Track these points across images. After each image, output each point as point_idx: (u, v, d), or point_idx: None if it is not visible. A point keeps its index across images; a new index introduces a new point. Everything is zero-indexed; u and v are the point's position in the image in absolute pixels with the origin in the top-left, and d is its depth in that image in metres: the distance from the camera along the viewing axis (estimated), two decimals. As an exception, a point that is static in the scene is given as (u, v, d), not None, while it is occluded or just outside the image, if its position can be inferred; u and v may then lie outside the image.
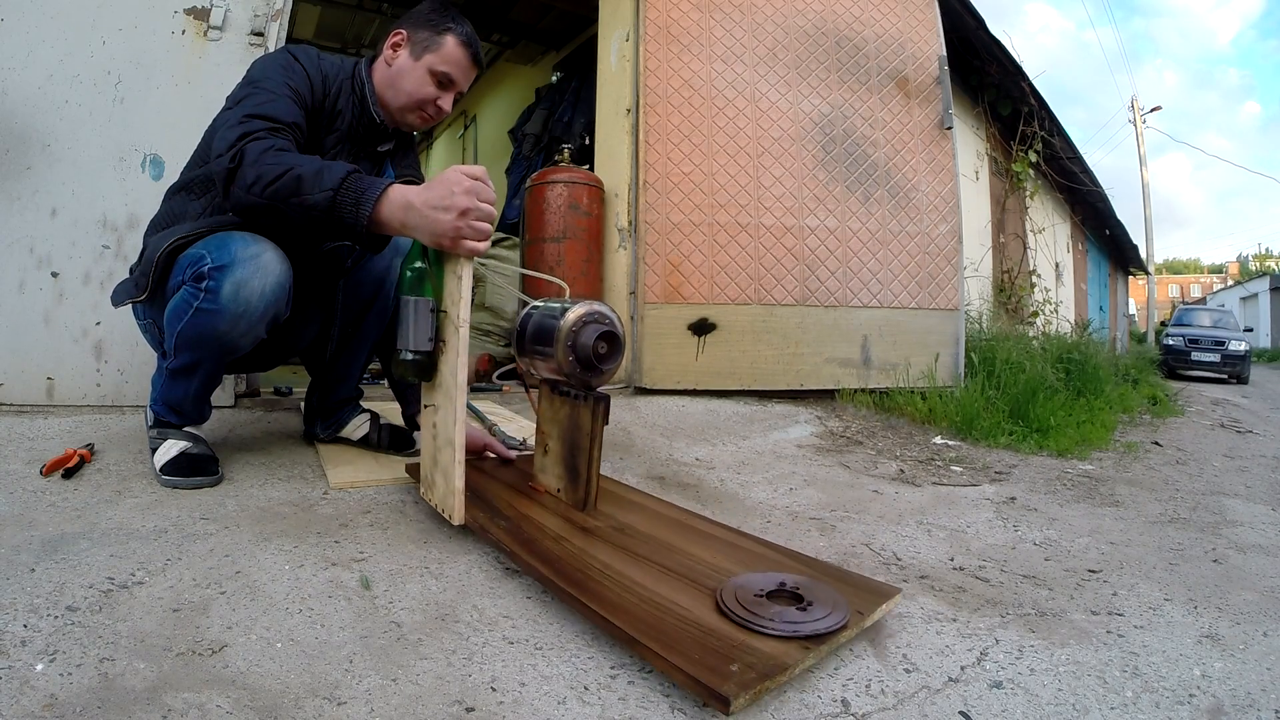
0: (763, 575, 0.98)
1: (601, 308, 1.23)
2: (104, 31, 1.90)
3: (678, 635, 0.81)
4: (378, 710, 0.72)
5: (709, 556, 1.06)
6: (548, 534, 1.11)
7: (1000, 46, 4.76)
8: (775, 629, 0.83)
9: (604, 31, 3.19)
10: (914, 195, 3.05)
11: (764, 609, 0.87)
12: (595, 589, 0.93)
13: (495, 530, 1.11)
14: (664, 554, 1.06)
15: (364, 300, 1.58)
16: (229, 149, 1.16)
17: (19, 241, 1.83)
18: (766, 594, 0.92)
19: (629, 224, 2.86)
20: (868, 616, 0.90)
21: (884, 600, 0.95)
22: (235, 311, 1.23)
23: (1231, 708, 0.81)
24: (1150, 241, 15.21)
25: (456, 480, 1.13)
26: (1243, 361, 10.29)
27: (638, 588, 0.94)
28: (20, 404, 1.82)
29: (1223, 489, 2.06)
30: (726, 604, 0.88)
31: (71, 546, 1.04)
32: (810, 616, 0.86)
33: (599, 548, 1.07)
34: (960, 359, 3.05)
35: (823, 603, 0.89)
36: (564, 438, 1.27)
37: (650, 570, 1.00)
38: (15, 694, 0.70)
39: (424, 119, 1.47)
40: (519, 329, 1.31)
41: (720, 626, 0.84)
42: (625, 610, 0.87)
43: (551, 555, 1.03)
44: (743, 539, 1.17)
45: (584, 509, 1.22)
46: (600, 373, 1.20)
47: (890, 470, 2.00)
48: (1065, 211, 8.15)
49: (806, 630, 0.83)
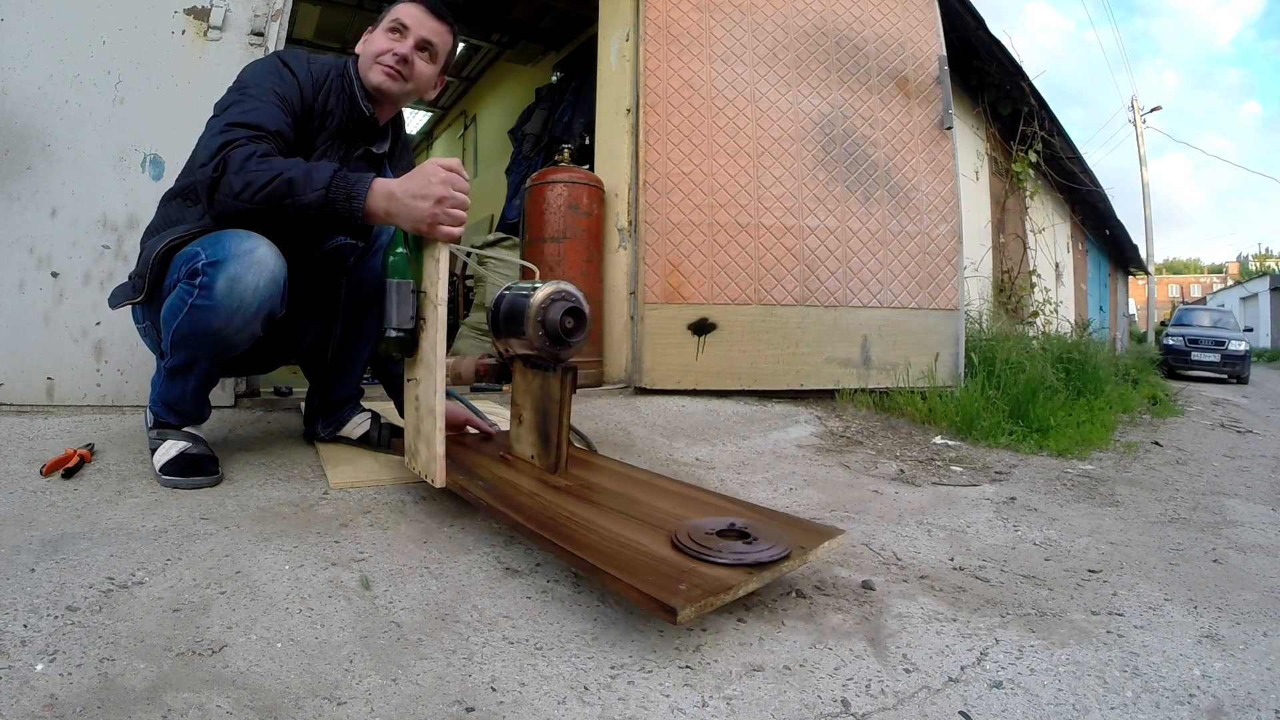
0: (715, 519, 1.08)
1: (568, 287, 1.31)
2: (104, 31, 1.90)
3: (635, 564, 0.92)
4: (378, 710, 0.72)
5: (669, 507, 1.17)
6: (522, 491, 1.22)
7: (1000, 46, 4.77)
8: (722, 558, 0.93)
9: (604, 31, 3.19)
10: (914, 195, 3.05)
11: (714, 543, 0.98)
12: (563, 531, 1.04)
13: (474, 489, 1.21)
14: (627, 505, 1.17)
15: (366, 298, 1.57)
16: (211, 158, 1.18)
17: (19, 241, 1.83)
18: (717, 532, 1.02)
19: (629, 224, 2.86)
20: (810, 551, 0.99)
21: (826, 538, 1.04)
22: (230, 307, 1.23)
23: (1231, 708, 0.81)
24: (1150, 241, 15.21)
25: (438, 447, 1.20)
26: (1243, 361, 10.29)
27: (601, 529, 1.05)
28: (20, 404, 1.82)
29: (1223, 489, 2.06)
30: (680, 540, 0.99)
31: (71, 546, 1.04)
32: (755, 549, 0.96)
33: (568, 501, 1.18)
34: (960, 359, 3.05)
35: (768, 539, 0.99)
36: (536, 408, 1.36)
37: (614, 517, 1.11)
38: (15, 694, 0.70)
39: (389, 73, 1.44)
40: (493, 310, 1.39)
41: (673, 557, 0.95)
42: (589, 546, 0.97)
43: (524, 507, 1.14)
44: (701, 494, 1.28)
45: (555, 471, 1.32)
46: (568, 345, 1.30)
47: (890, 470, 2.00)
48: (1065, 211, 8.15)
49: (750, 559, 0.93)
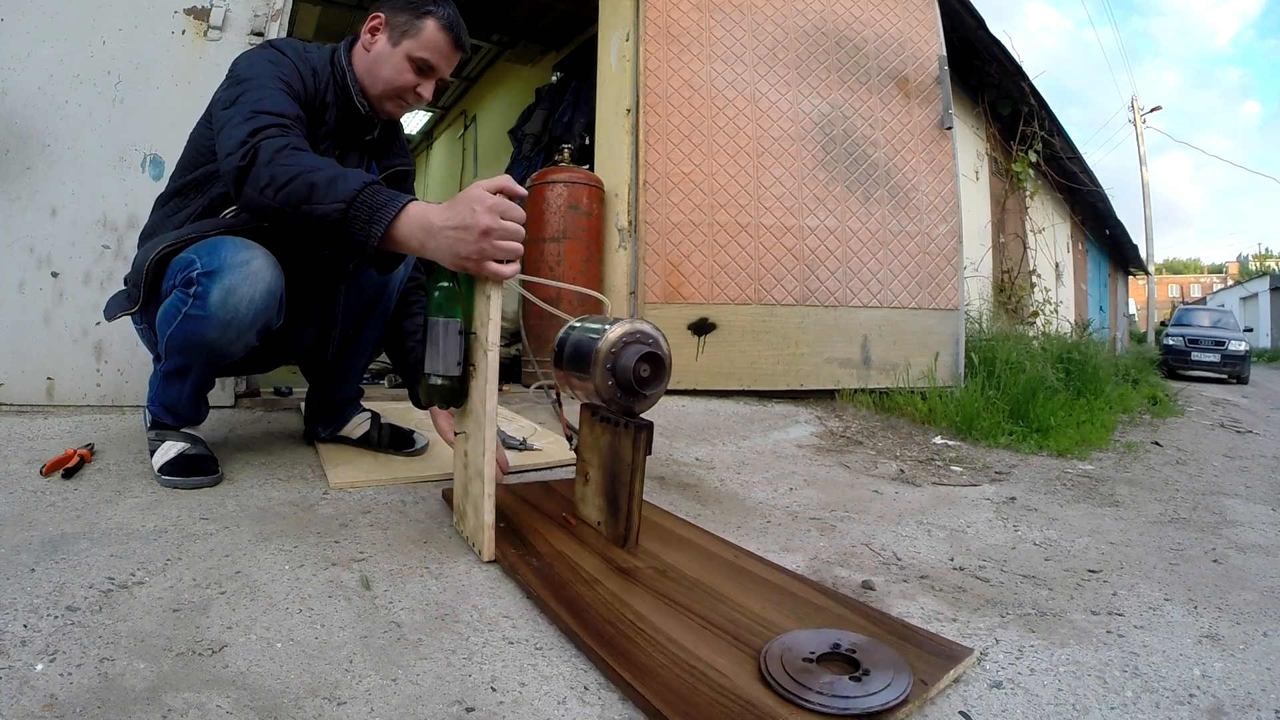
0: (814, 633, 0.86)
1: (645, 326, 1.14)
2: (104, 31, 1.90)
3: (711, 710, 0.72)
4: (378, 710, 0.72)
5: (757, 607, 0.96)
6: (581, 576, 1.03)
7: (1000, 46, 4.77)
8: (823, 704, 0.72)
9: (604, 31, 3.19)
10: (914, 195, 3.05)
11: (813, 678, 0.76)
12: (625, 648, 0.84)
13: (525, 570, 1.04)
14: (707, 604, 0.96)
15: (366, 304, 1.57)
16: (240, 146, 1.10)
17: (19, 241, 1.83)
18: (817, 658, 0.81)
19: (629, 224, 2.86)
20: (932, 686, 0.78)
21: (953, 664, 0.83)
22: (224, 319, 1.21)
23: (1231, 708, 0.81)
24: (1150, 241, 15.21)
25: (486, 515, 1.08)
26: (1243, 361, 10.29)
27: (672, 646, 0.84)
28: (20, 404, 1.82)
29: (1223, 489, 2.06)
30: (771, 671, 0.78)
31: (71, 546, 1.04)
32: (865, 690, 0.74)
33: (635, 594, 0.98)
34: (960, 359, 3.05)
35: (881, 669, 0.78)
36: (604, 466, 1.18)
37: (689, 625, 0.90)
38: (15, 694, 0.70)
39: (401, 107, 1.41)
40: (557, 348, 1.23)
41: (761, 699, 0.74)
42: (654, 675, 0.78)
43: (581, 602, 0.95)
44: (796, 584, 1.06)
45: (624, 545, 1.13)
46: (643, 398, 1.12)
47: (890, 470, 2.00)
48: (1065, 211, 8.15)
49: (860, 708, 0.72)
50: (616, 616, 0.91)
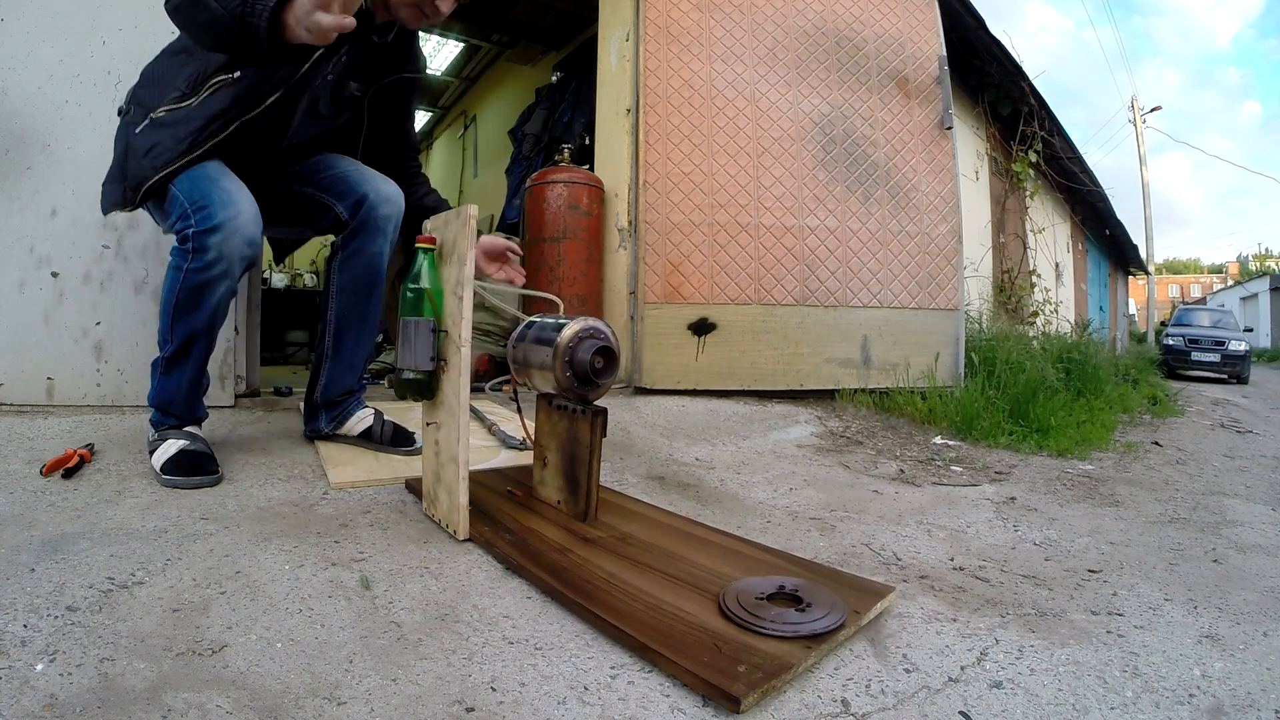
0: (762, 579, 1.02)
1: (596, 323, 1.26)
2: (104, 31, 1.90)
3: (687, 640, 0.85)
4: (378, 710, 0.72)
5: (709, 563, 1.10)
6: (551, 546, 1.14)
7: (1000, 46, 4.77)
8: (777, 630, 0.87)
9: (604, 32, 3.19)
10: (914, 195, 3.05)
11: (765, 611, 0.91)
12: (603, 598, 0.96)
13: (501, 544, 1.14)
14: (667, 561, 1.10)
15: (363, 287, 1.58)
16: None
17: (19, 241, 1.83)
18: (767, 597, 0.96)
19: (629, 224, 2.86)
20: (864, 615, 0.95)
21: (879, 599, 0.99)
22: (221, 269, 1.33)
23: (1231, 708, 0.81)
24: (1150, 241, 15.21)
25: (461, 496, 1.15)
26: (1243, 361, 10.29)
27: (644, 595, 0.97)
28: (20, 404, 1.82)
29: (1223, 489, 2.06)
30: (730, 608, 0.92)
31: (71, 546, 1.04)
32: (809, 617, 0.90)
33: (603, 557, 1.10)
34: (960, 359, 3.05)
35: (821, 603, 0.93)
36: (563, 450, 1.30)
37: (654, 578, 1.03)
38: (15, 694, 0.70)
39: (418, 16, 1.40)
40: (513, 344, 1.35)
41: (725, 629, 0.88)
42: (635, 619, 0.90)
43: (558, 567, 1.06)
44: (741, 544, 1.20)
45: (585, 520, 1.25)
46: (597, 386, 1.24)
47: (890, 470, 2.00)
48: (1065, 211, 8.16)
49: (806, 630, 0.87)
50: (591, 575, 1.03)
